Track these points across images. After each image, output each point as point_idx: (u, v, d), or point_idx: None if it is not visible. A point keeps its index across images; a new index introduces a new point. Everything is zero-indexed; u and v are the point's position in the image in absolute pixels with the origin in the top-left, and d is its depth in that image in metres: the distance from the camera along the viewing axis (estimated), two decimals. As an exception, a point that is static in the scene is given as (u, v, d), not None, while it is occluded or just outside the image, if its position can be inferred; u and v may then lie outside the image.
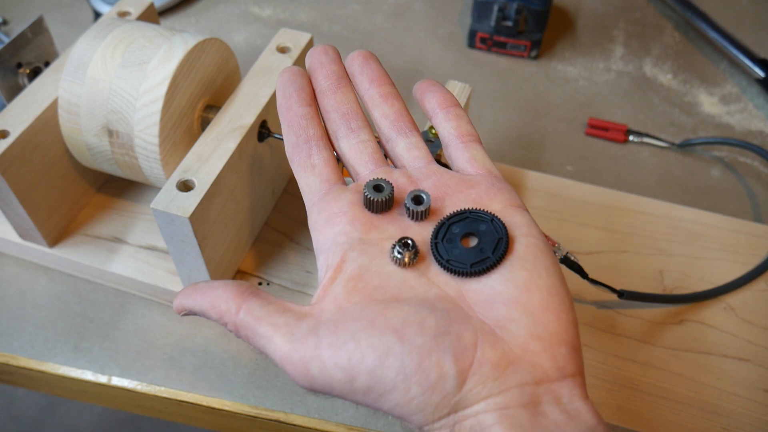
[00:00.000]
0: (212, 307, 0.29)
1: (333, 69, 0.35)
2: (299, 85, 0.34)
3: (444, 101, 0.34)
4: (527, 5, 0.67)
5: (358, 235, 0.30)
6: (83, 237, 0.51)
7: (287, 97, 0.34)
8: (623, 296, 0.46)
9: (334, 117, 0.34)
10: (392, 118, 0.34)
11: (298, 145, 0.33)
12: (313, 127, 0.33)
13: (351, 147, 0.33)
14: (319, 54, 0.35)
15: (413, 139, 0.33)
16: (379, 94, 0.34)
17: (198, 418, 0.48)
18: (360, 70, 0.35)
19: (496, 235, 0.28)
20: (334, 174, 0.32)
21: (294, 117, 0.33)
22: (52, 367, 0.47)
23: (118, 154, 0.45)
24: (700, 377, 0.45)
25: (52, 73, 0.48)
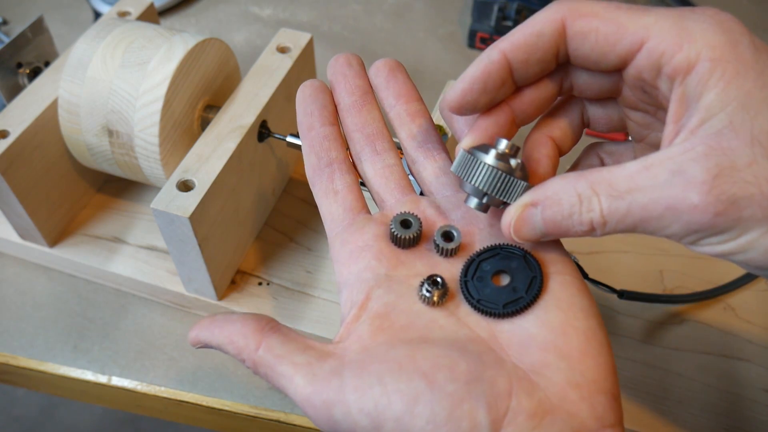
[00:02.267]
0: (230, 342, 0.27)
1: (357, 84, 0.32)
2: (322, 102, 0.32)
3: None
4: (527, 5, 0.67)
5: (384, 271, 0.28)
6: (83, 237, 0.51)
7: (308, 115, 0.32)
8: (623, 296, 0.46)
9: (358, 138, 0.32)
10: (419, 138, 0.32)
11: (320, 168, 0.31)
12: (336, 148, 0.31)
13: (376, 171, 0.32)
14: (342, 66, 0.33)
15: (441, 162, 0.32)
16: (406, 111, 0.32)
17: (198, 418, 0.48)
18: (386, 84, 0.33)
19: (529, 272, 0.27)
20: (357, 201, 0.31)
21: (316, 137, 0.31)
22: (52, 367, 0.47)
23: (118, 154, 0.45)
24: (700, 377, 0.45)
25: (52, 73, 0.48)
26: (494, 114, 0.29)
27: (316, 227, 0.52)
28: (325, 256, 0.50)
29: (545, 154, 0.30)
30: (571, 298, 0.26)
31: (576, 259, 0.44)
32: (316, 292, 0.48)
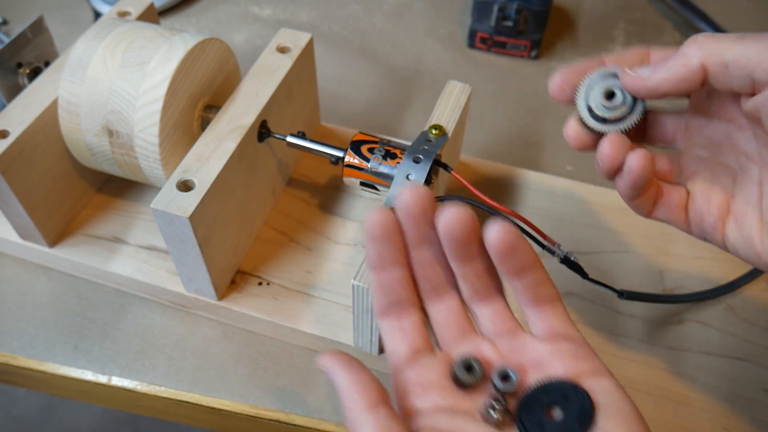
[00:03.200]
0: (347, 389, 0.29)
1: (425, 232, 0.32)
2: (394, 243, 0.32)
3: (525, 263, 0.31)
4: (527, 5, 0.67)
5: (448, 405, 0.30)
6: (83, 237, 0.51)
7: (381, 257, 0.32)
8: (623, 296, 0.46)
9: (424, 283, 0.33)
10: (477, 285, 0.33)
11: (389, 306, 0.33)
12: (406, 289, 0.33)
13: (439, 312, 0.33)
14: (414, 211, 0.31)
15: (498, 307, 0.33)
16: (473, 271, 0.33)
17: (198, 418, 0.48)
18: (451, 245, 0.32)
19: (582, 407, 0.28)
20: (423, 342, 0.32)
21: (386, 279, 0.32)
22: (52, 367, 0.47)
23: (118, 154, 0.45)
24: (699, 377, 0.45)
25: (52, 73, 0.48)
26: None
27: (316, 227, 0.52)
28: (325, 256, 0.50)
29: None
30: (625, 426, 0.27)
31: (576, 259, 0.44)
32: (316, 292, 0.48)
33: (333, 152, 0.46)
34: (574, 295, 0.49)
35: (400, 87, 0.68)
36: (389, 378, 0.46)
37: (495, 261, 0.31)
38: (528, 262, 0.31)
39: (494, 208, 0.43)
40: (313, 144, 0.47)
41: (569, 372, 0.30)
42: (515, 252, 0.30)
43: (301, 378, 0.46)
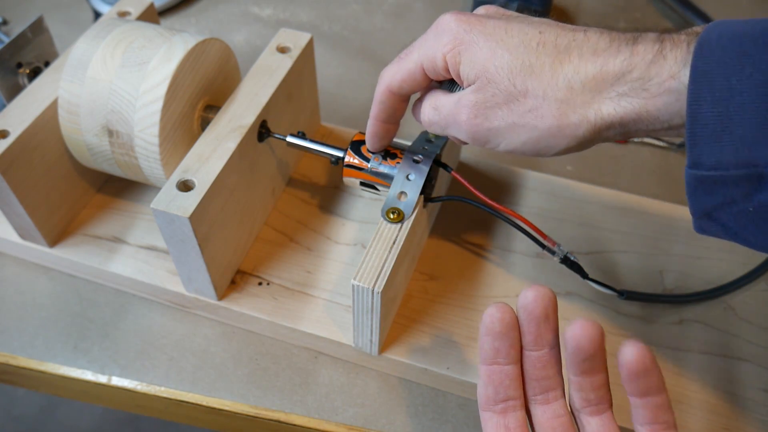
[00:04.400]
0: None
1: (548, 339, 0.32)
2: (511, 341, 0.32)
3: (652, 386, 0.31)
4: (527, 5, 0.67)
5: None
6: (83, 237, 0.51)
7: (495, 351, 0.32)
8: (623, 296, 0.46)
9: (534, 385, 0.33)
10: (591, 396, 0.32)
11: (495, 401, 0.33)
12: (515, 388, 0.33)
13: (544, 415, 0.33)
14: (539, 313, 0.32)
15: (606, 419, 0.33)
16: (590, 383, 0.32)
17: (198, 418, 0.48)
18: (577, 359, 0.32)
19: None
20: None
21: (498, 373, 0.32)
22: (52, 367, 0.47)
23: (118, 154, 0.45)
24: (700, 377, 0.45)
25: (52, 73, 0.48)
26: None
27: (316, 227, 0.52)
28: (325, 256, 0.50)
29: None
30: None
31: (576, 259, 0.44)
32: (316, 292, 0.48)
33: (333, 152, 0.46)
34: (574, 295, 0.49)
35: (400, 87, 0.68)
36: (389, 378, 0.46)
37: (624, 379, 0.31)
38: (655, 386, 0.31)
39: (494, 208, 0.43)
40: (313, 144, 0.47)
41: None
42: (646, 374, 0.30)
43: (301, 378, 0.46)
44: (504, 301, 0.32)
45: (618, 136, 0.32)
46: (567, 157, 0.61)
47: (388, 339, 0.45)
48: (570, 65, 0.32)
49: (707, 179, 0.28)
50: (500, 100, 0.33)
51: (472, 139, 0.35)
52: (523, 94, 0.32)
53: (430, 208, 0.49)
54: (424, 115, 0.38)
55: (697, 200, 0.29)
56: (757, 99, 0.26)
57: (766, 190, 0.27)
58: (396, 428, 0.44)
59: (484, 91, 0.33)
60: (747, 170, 0.27)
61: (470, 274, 0.50)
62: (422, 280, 0.49)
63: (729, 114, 0.26)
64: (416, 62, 0.36)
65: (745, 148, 0.27)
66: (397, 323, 0.46)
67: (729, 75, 0.26)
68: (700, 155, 0.28)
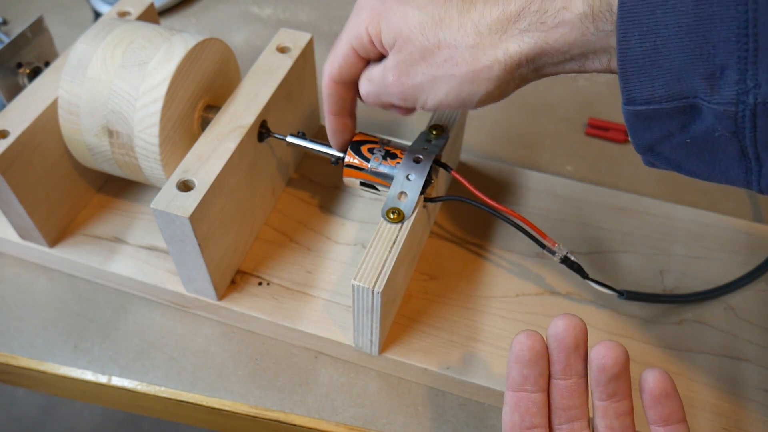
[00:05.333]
0: None
1: (578, 369, 0.32)
2: (540, 369, 0.32)
3: (673, 413, 0.32)
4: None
5: None
6: (83, 237, 0.51)
7: (524, 379, 0.32)
8: (623, 296, 0.46)
9: (560, 413, 0.33)
10: (614, 425, 0.32)
11: (521, 429, 0.33)
12: (541, 416, 0.33)
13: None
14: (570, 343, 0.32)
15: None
16: (614, 410, 0.32)
17: (198, 418, 0.48)
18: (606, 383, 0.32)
19: None
20: None
21: (525, 400, 0.33)
22: (52, 367, 0.47)
23: (118, 154, 0.45)
24: (700, 377, 0.45)
25: (52, 73, 0.48)
26: None
27: (316, 227, 0.52)
28: (325, 256, 0.50)
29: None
30: None
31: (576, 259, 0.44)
32: (316, 292, 0.48)
33: (333, 152, 0.46)
34: (574, 295, 0.49)
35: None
36: (389, 378, 0.46)
37: (645, 405, 0.31)
38: (676, 414, 0.31)
39: (494, 208, 0.43)
40: (313, 144, 0.47)
41: None
42: (667, 399, 0.31)
43: (301, 378, 0.46)
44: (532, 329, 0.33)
45: (532, 74, 0.34)
46: (567, 157, 0.61)
47: (388, 339, 0.45)
48: (476, 12, 0.33)
49: (642, 114, 0.28)
50: (418, 56, 0.35)
51: (402, 99, 0.37)
52: (437, 46, 0.34)
53: (430, 208, 0.49)
54: (361, 88, 0.40)
55: (638, 136, 0.30)
56: (682, 30, 0.26)
57: (700, 120, 0.27)
58: (396, 428, 0.44)
59: (403, 51, 0.35)
60: (679, 102, 0.27)
61: (470, 274, 0.50)
62: (422, 280, 0.49)
63: (656, 48, 0.26)
64: (347, 44, 0.39)
65: (674, 80, 0.26)
66: (397, 323, 0.46)
67: (654, 8, 0.26)
68: (633, 91, 0.28)
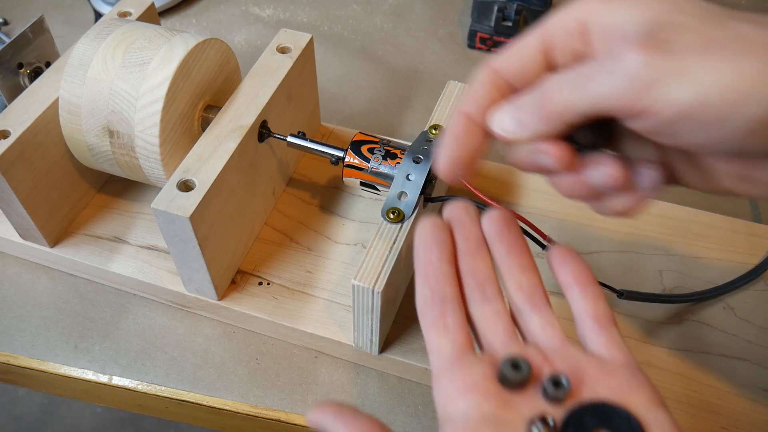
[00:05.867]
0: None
1: (473, 231, 0.33)
2: (442, 239, 0.33)
3: (582, 277, 0.32)
4: (527, 5, 0.67)
5: (491, 412, 0.29)
6: (84, 237, 0.51)
7: (428, 250, 0.32)
8: (623, 296, 0.46)
9: (469, 281, 0.33)
10: (527, 290, 0.33)
11: (433, 302, 0.32)
12: (451, 285, 0.32)
13: (484, 315, 0.32)
14: (460, 213, 0.34)
15: (548, 316, 0.32)
16: (517, 264, 0.33)
17: (198, 418, 0.48)
18: (498, 236, 0.33)
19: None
20: (467, 340, 0.31)
21: (432, 272, 0.32)
22: (53, 367, 0.47)
23: (118, 154, 0.45)
24: (700, 377, 0.45)
25: (53, 74, 0.48)
26: None
27: (316, 227, 0.52)
28: (326, 256, 0.50)
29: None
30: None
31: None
32: (316, 292, 0.48)
33: (333, 152, 0.46)
34: (574, 295, 0.49)
35: (400, 87, 0.68)
36: (389, 378, 0.46)
37: (554, 270, 0.32)
38: (585, 277, 0.32)
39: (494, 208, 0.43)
40: (313, 144, 0.47)
41: (623, 398, 0.29)
42: (572, 260, 0.32)
43: (301, 378, 0.46)
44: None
45: None
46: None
47: (388, 339, 0.45)
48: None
49: None
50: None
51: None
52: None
53: (430, 208, 0.49)
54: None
55: None
56: None
57: None
58: (396, 428, 0.44)
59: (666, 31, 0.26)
60: None
61: (470, 274, 0.50)
62: (422, 280, 0.49)
63: None
64: (537, 35, 0.31)
65: None
66: (397, 323, 0.46)
67: None
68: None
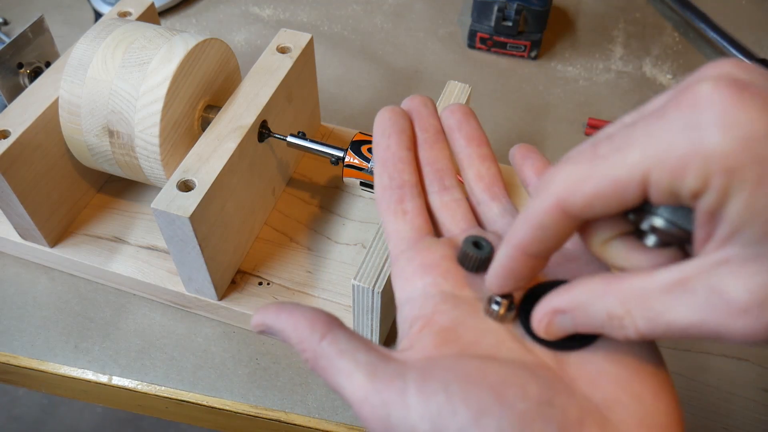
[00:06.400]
0: (295, 329, 0.27)
1: (431, 122, 0.33)
2: (401, 127, 0.32)
3: (544, 170, 0.31)
4: (527, 5, 0.67)
5: (450, 290, 0.28)
6: (84, 237, 0.51)
7: (386, 136, 0.32)
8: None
9: (428, 171, 0.33)
10: (487, 180, 0.32)
11: (391, 188, 0.31)
12: (410, 173, 0.32)
13: (443, 204, 0.32)
14: (418, 105, 0.34)
15: (507, 205, 0.32)
16: (477, 154, 0.32)
17: (198, 418, 0.48)
18: (458, 127, 0.33)
19: None
20: (426, 224, 0.31)
21: (391, 158, 0.32)
22: (52, 367, 0.47)
23: (118, 154, 0.45)
24: (700, 377, 0.45)
25: (53, 74, 0.48)
26: None
27: (316, 227, 0.52)
28: (325, 256, 0.50)
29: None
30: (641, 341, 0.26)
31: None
32: (316, 292, 0.48)
33: (333, 152, 0.46)
34: (573, 295, 0.49)
35: (400, 87, 0.68)
36: (389, 378, 0.46)
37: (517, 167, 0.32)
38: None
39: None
40: (313, 144, 0.47)
41: (583, 272, 0.28)
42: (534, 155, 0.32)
43: (301, 378, 0.46)
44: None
45: None
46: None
47: (388, 339, 0.45)
48: None
49: None
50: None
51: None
52: None
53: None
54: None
55: None
56: None
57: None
58: (396, 428, 0.44)
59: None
60: None
61: (470, 274, 0.50)
62: (422, 280, 0.49)
63: None
64: (636, 167, 0.21)
65: None
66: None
67: None
68: None
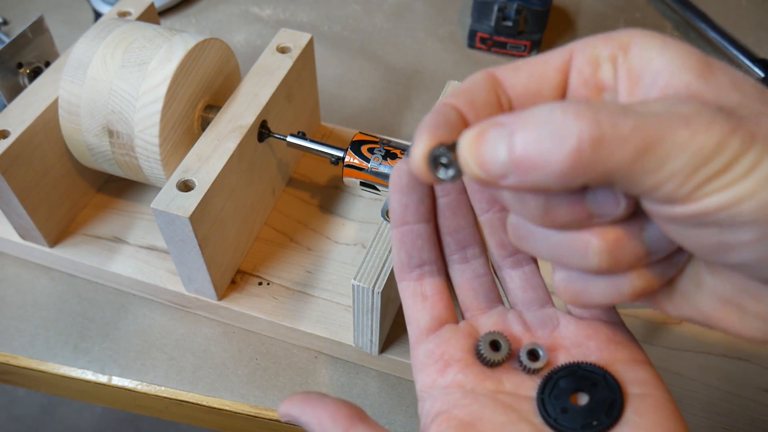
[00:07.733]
0: (318, 423, 0.27)
1: (454, 184, 0.31)
2: (419, 196, 0.30)
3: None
4: (527, 5, 0.67)
5: (471, 386, 0.28)
6: (84, 237, 0.51)
7: (403, 207, 0.30)
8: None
9: (449, 241, 0.31)
10: (510, 248, 0.31)
11: (410, 267, 0.30)
12: (429, 249, 0.30)
13: (465, 278, 0.31)
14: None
15: (528, 270, 0.31)
16: (499, 219, 0.31)
17: (198, 418, 0.48)
18: (479, 188, 0.30)
19: (609, 394, 0.26)
20: (446, 310, 0.30)
21: (409, 234, 0.30)
22: (52, 367, 0.47)
23: (118, 154, 0.45)
24: (700, 377, 0.45)
25: (53, 74, 0.48)
26: None
27: (316, 227, 0.52)
28: (326, 256, 0.50)
29: None
30: (661, 421, 0.25)
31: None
32: (316, 292, 0.48)
33: (333, 152, 0.46)
34: (574, 295, 0.49)
35: (400, 87, 0.68)
36: (389, 378, 0.46)
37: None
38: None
39: None
40: (313, 144, 0.47)
41: (603, 356, 0.28)
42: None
43: (301, 378, 0.46)
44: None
45: None
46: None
47: (388, 339, 0.45)
48: None
49: None
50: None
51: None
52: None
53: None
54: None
55: None
56: None
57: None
58: (396, 428, 0.44)
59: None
60: None
61: (470, 274, 0.50)
62: (422, 280, 0.49)
63: None
64: (562, 51, 0.24)
65: None
66: (397, 323, 0.46)
67: None
68: None
